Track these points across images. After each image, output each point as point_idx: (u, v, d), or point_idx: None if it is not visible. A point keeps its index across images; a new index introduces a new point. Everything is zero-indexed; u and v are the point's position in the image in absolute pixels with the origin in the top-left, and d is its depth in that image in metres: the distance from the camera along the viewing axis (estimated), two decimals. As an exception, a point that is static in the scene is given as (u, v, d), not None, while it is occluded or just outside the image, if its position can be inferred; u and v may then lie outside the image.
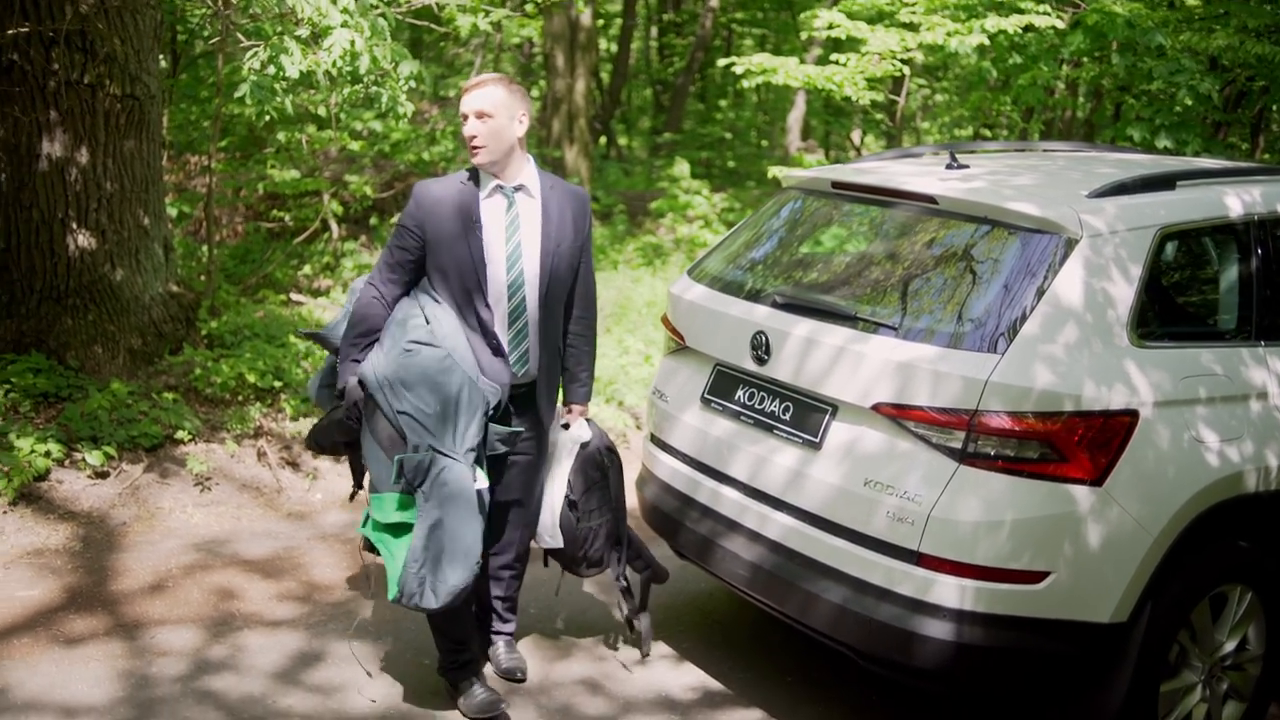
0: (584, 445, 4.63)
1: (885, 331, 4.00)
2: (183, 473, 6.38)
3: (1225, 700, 4.24)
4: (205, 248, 9.43)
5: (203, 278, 9.01)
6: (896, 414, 3.88)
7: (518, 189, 4.34)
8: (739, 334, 4.45)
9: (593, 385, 4.77)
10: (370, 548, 4.40)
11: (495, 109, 4.21)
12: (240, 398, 7.19)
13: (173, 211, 10.31)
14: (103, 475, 6.22)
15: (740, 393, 4.49)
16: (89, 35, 6.68)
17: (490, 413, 4.26)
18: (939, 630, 3.74)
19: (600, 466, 4.65)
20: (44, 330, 6.98)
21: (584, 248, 4.50)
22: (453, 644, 4.44)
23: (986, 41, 9.33)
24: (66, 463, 6.21)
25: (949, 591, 3.73)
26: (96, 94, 6.79)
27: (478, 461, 4.19)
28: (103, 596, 5.22)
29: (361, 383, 4.23)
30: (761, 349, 4.33)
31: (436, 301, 4.30)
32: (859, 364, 3.99)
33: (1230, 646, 4.19)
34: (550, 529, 4.64)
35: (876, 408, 3.93)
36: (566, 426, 4.66)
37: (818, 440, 4.11)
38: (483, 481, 4.20)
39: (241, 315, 8.22)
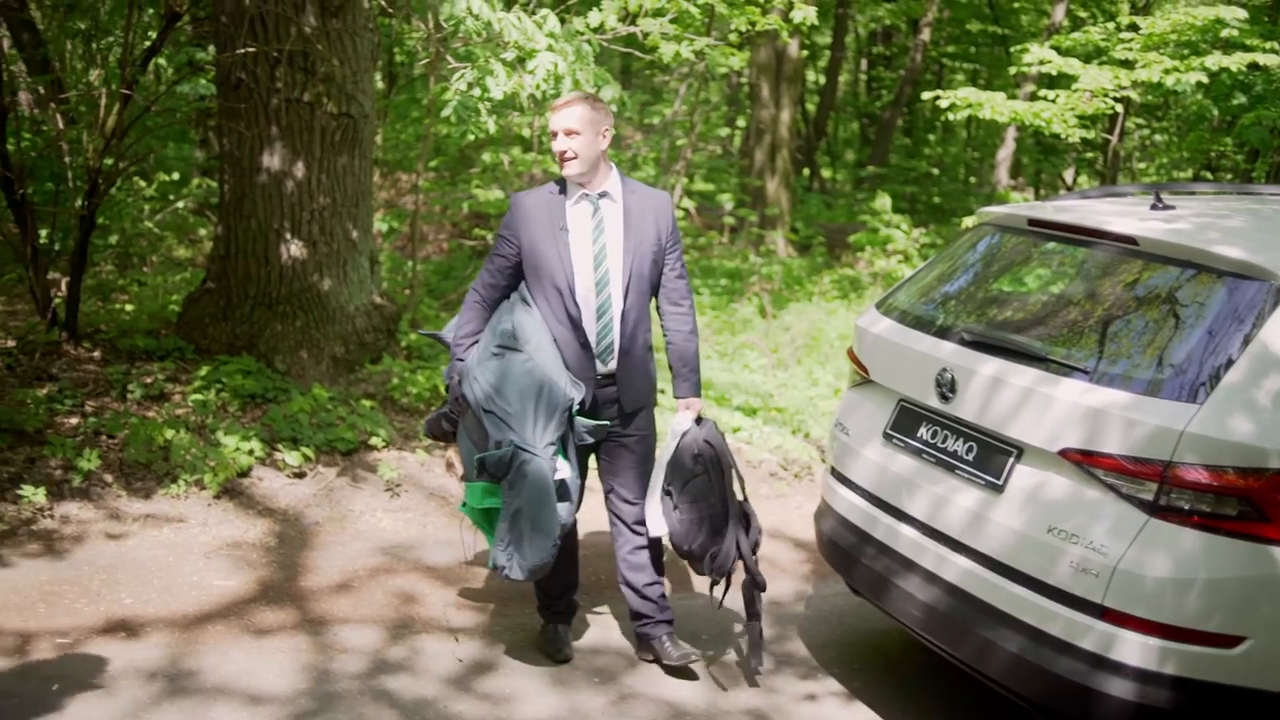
0: (683, 436, 4.77)
1: (1077, 375, 3.87)
2: (374, 478, 6.60)
3: None
4: (410, 262, 9.75)
5: (406, 291, 9.32)
6: (1085, 461, 3.74)
7: (601, 195, 4.68)
8: (924, 370, 4.37)
9: (699, 379, 4.92)
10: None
11: (582, 126, 4.57)
12: (433, 409, 7.38)
13: (382, 226, 10.70)
14: (300, 475, 6.47)
15: (923, 430, 4.41)
16: (310, 56, 7.00)
17: (577, 407, 4.62)
18: (1120, 689, 3.58)
19: (697, 459, 4.73)
20: (255, 334, 7.32)
21: (668, 246, 4.78)
22: (546, 596, 5.03)
23: (1206, 80, 8.96)
24: (267, 461, 6.49)
25: (1133, 649, 3.57)
26: (314, 111, 7.11)
27: (560, 453, 4.58)
28: (292, 591, 5.42)
29: (462, 380, 4.68)
30: (947, 386, 4.24)
31: (526, 305, 4.68)
32: (1048, 407, 3.86)
33: None
34: (653, 518, 4.81)
35: (1064, 453, 3.80)
36: (698, 420, 4.84)
37: (1000, 483, 4.00)
38: (565, 471, 4.59)
39: (441, 328, 8.45)
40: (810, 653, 5.23)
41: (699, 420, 4.83)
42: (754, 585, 4.75)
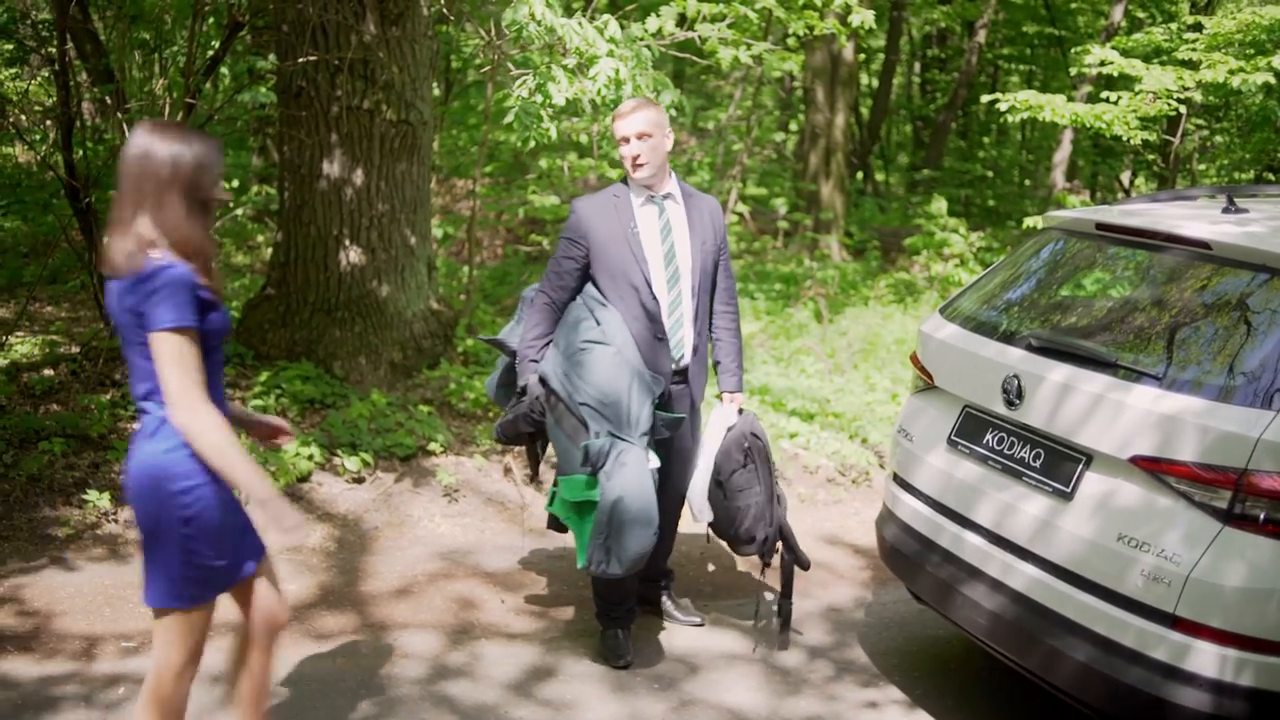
0: (730, 429, 4.98)
1: (1148, 381, 3.81)
2: (433, 483, 6.62)
3: None
4: (466, 268, 9.79)
5: (462, 297, 9.36)
6: (1156, 468, 3.68)
7: (665, 197, 4.89)
8: (990, 376, 4.32)
9: (742, 375, 5.20)
10: (555, 525, 5.04)
11: (652, 129, 4.77)
12: (490, 414, 7.41)
13: (438, 232, 10.76)
14: (359, 481, 6.51)
15: (989, 436, 4.35)
16: (370, 64, 7.05)
17: (655, 400, 4.75)
18: (1193, 700, 3.52)
19: (745, 451, 4.96)
20: (314, 340, 7.37)
21: (721, 247, 5.03)
22: (605, 602, 5.00)
23: (1273, 80, 8.80)
24: (327, 467, 6.53)
25: (1207, 660, 3.51)
26: (374, 119, 7.16)
27: (649, 444, 4.70)
28: (352, 596, 5.45)
29: (543, 380, 4.78)
30: (1014, 392, 4.19)
31: (603, 304, 4.81)
32: (1118, 413, 3.80)
33: None
34: (699, 505, 5.00)
35: (1135, 460, 3.73)
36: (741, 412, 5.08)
37: (1069, 490, 3.94)
38: (655, 461, 4.71)
39: (497, 334, 8.47)
40: (871, 660, 5.18)
41: (739, 412, 5.08)
42: (796, 563, 5.07)
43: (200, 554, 3.29)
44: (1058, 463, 4.03)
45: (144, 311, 3.12)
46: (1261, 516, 3.48)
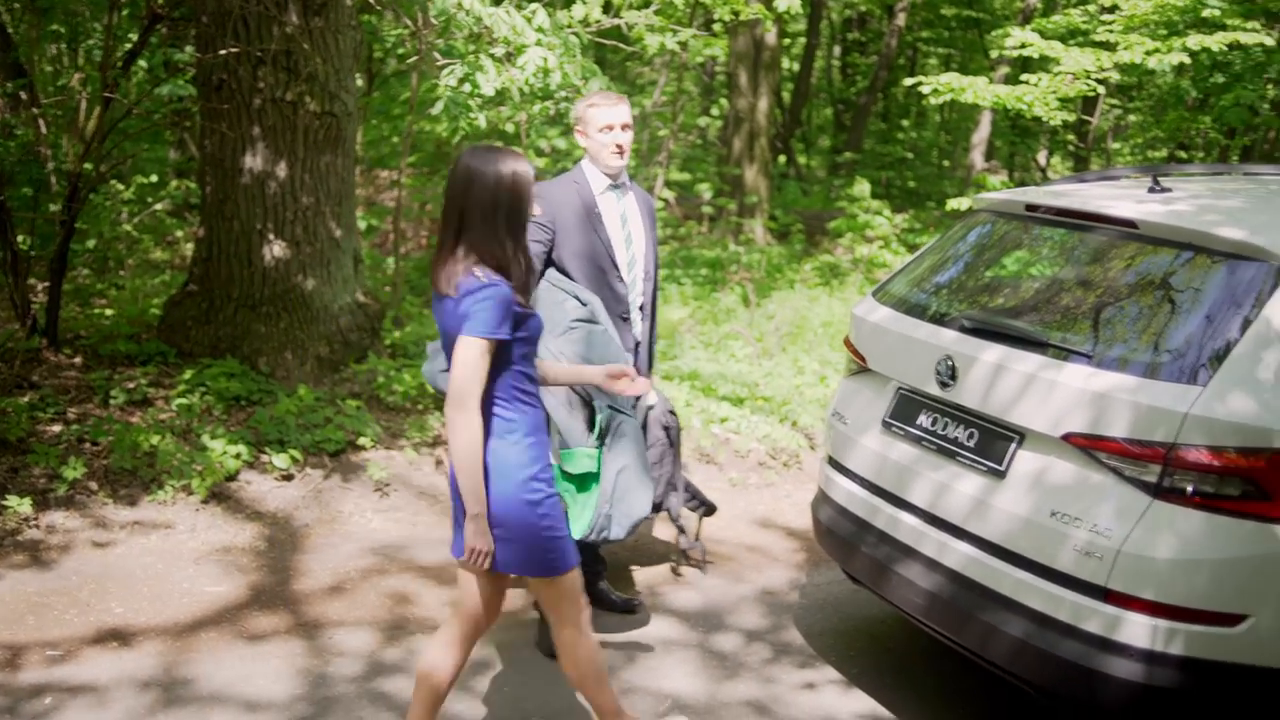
0: (650, 409, 5.23)
1: (1078, 359, 3.86)
2: (363, 478, 6.55)
3: None
4: (392, 260, 9.69)
5: (388, 289, 9.27)
6: (1088, 445, 3.73)
7: (622, 186, 5.13)
8: (924, 358, 4.35)
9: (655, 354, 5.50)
10: None
11: (631, 120, 5.04)
12: (420, 407, 7.34)
13: (362, 224, 10.64)
14: (288, 478, 6.42)
15: (923, 417, 4.39)
16: (293, 55, 6.93)
17: None
18: (1126, 670, 3.58)
19: (665, 429, 5.30)
20: (239, 336, 7.26)
21: (655, 238, 5.32)
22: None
23: (1188, 60, 8.96)
24: (255, 464, 6.43)
25: (1138, 630, 3.57)
26: (297, 111, 7.05)
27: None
28: (285, 595, 5.37)
29: None
30: (947, 373, 4.22)
31: (578, 286, 4.94)
32: (1049, 392, 3.85)
33: None
34: None
35: (1067, 437, 3.78)
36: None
37: (1003, 468, 3.99)
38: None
39: (424, 326, 8.41)
40: (807, 641, 5.22)
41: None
42: (706, 510, 5.68)
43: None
44: (991, 442, 4.07)
45: (466, 319, 3.44)
46: (1190, 489, 3.54)
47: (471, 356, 3.44)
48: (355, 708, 4.43)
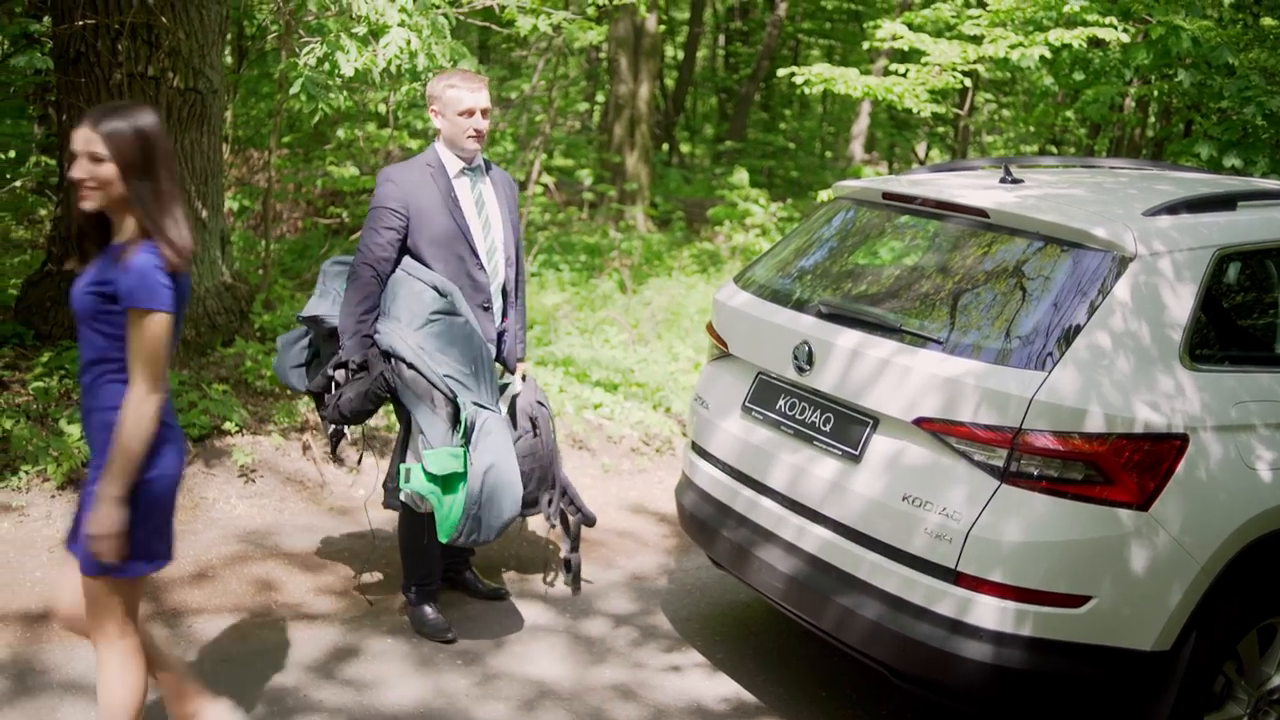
0: (516, 397, 5.13)
1: (931, 345, 3.94)
2: (228, 463, 6.42)
3: (1271, 735, 4.13)
4: (263, 241, 9.52)
5: (259, 271, 9.09)
6: (939, 429, 3.81)
7: (478, 170, 4.97)
8: (782, 343, 4.40)
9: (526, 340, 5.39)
10: (391, 506, 5.12)
11: (489, 105, 4.91)
12: (289, 392, 7.22)
13: (234, 205, 10.42)
14: (150, 463, 6.25)
15: (781, 402, 4.44)
16: (154, 28, 6.75)
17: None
18: (976, 651, 3.67)
19: (531, 419, 5.14)
20: (99, 318, 7.05)
21: (518, 222, 5.20)
22: (424, 575, 5.03)
23: (1049, 55, 9.18)
24: (115, 449, 6.25)
25: (987, 612, 3.66)
26: (160, 86, 6.86)
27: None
28: (144, 582, 5.24)
29: (389, 354, 4.67)
30: (804, 358, 4.27)
31: (436, 275, 4.78)
32: (903, 377, 3.92)
33: (1279, 680, 4.07)
34: None
35: (919, 422, 3.86)
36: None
37: (858, 453, 4.05)
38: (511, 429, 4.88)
39: (296, 309, 8.26)
40: (673, 626, 5.26)
41: (523, 379, 5.24)
42: (585, 521, 5.27)
43: None
44: (847, 426, 4.14)
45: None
46: (1036, 473, 3.64)
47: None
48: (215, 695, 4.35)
